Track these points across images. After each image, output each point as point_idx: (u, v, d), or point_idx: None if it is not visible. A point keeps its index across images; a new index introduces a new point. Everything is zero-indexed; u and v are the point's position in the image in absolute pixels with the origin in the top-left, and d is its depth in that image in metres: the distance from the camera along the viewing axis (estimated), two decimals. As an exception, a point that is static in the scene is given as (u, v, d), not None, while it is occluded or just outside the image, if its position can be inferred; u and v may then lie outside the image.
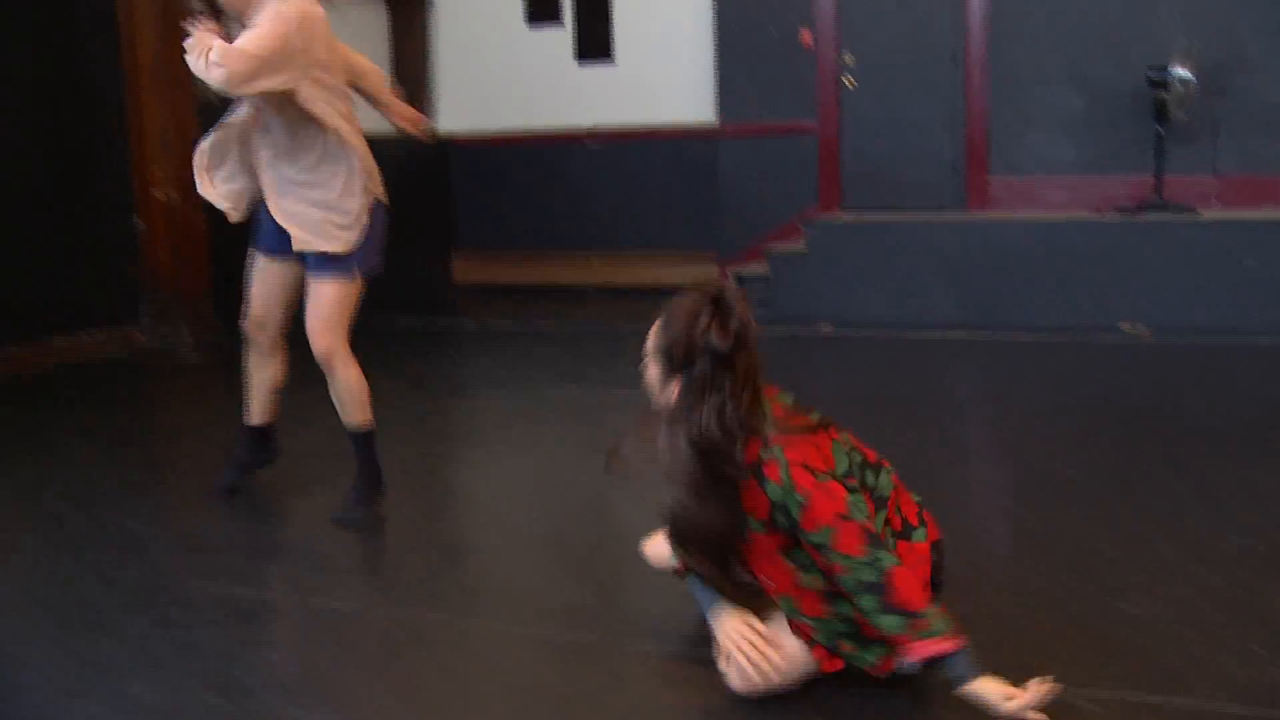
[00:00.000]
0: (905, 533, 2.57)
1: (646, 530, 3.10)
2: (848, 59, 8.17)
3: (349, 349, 3.70)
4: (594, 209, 9.15)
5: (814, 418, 2.57)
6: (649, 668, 2.73)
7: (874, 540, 2.35)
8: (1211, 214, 7.09)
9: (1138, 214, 7.12)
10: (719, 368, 2.37)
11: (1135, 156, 7.46)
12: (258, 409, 3.98)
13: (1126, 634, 2.77)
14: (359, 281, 3.68)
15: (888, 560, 2.34)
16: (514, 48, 9.21)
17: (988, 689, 2.25)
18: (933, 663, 2.31)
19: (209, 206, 3.78)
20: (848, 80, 8.19)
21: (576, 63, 9.08)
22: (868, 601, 2.33)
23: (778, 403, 2.53)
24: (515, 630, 2.97)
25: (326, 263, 3.61)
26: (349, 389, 3.71)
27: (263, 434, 4.04)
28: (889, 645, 2.39)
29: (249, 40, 3.34)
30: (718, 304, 2.39)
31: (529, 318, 8.11)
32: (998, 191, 7.90)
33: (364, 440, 3.77)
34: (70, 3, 7.03)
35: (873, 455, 2.63)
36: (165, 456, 4.99)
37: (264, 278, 3.82)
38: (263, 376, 3.94)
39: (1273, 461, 4.24)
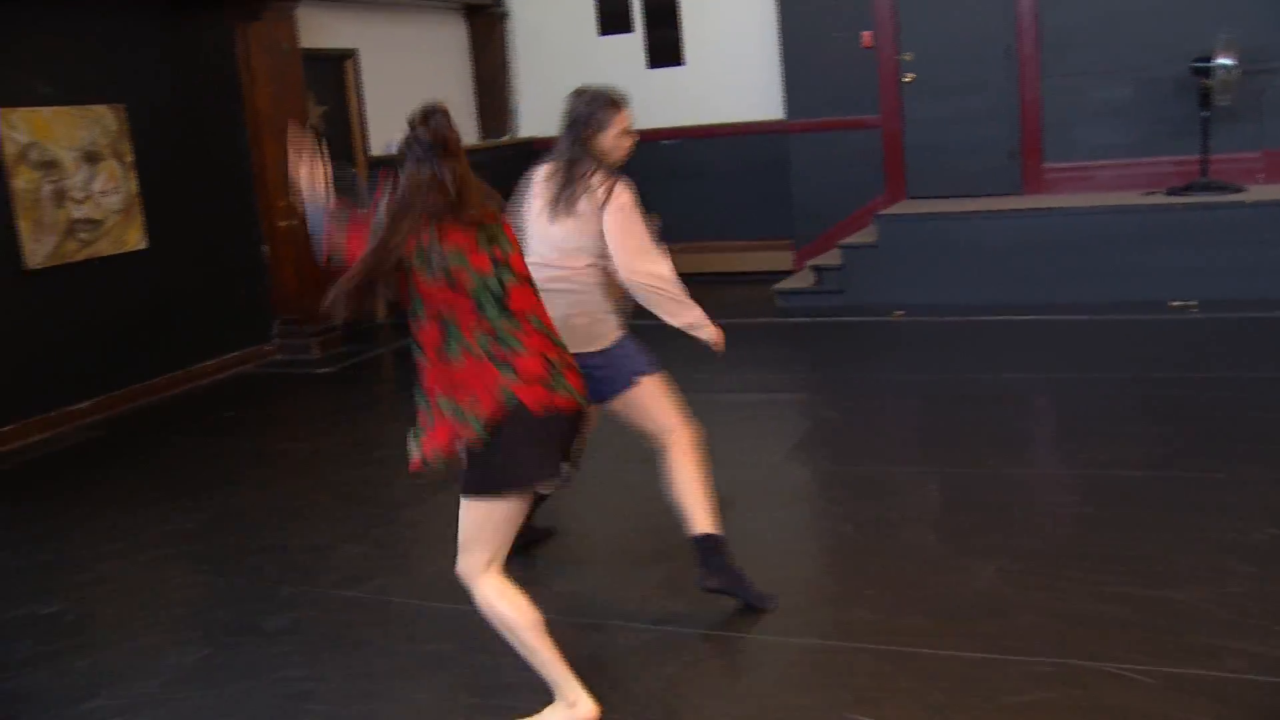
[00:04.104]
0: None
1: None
2: (906, 56, 8.72)
3: None
4: (673, 203, 9.73)
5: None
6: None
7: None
8: (1256, 192, 7.60)
9: (1186, 194, 7.65)
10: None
11: (1183, 138, 7.97)
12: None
13: (1169, 619, 3.39)
14: None
15: None
16: (588, 56, 9.82)
17: None
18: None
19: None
20: (907, 76, 8.74)
21: (648, 67, 9.69)
22: None
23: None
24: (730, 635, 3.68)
25: None
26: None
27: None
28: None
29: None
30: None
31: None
32: (1052, 176, 8.45)
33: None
34: (198, 71, 7.78)
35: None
36: (345, 476, 5.60)
37: None
38: None
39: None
